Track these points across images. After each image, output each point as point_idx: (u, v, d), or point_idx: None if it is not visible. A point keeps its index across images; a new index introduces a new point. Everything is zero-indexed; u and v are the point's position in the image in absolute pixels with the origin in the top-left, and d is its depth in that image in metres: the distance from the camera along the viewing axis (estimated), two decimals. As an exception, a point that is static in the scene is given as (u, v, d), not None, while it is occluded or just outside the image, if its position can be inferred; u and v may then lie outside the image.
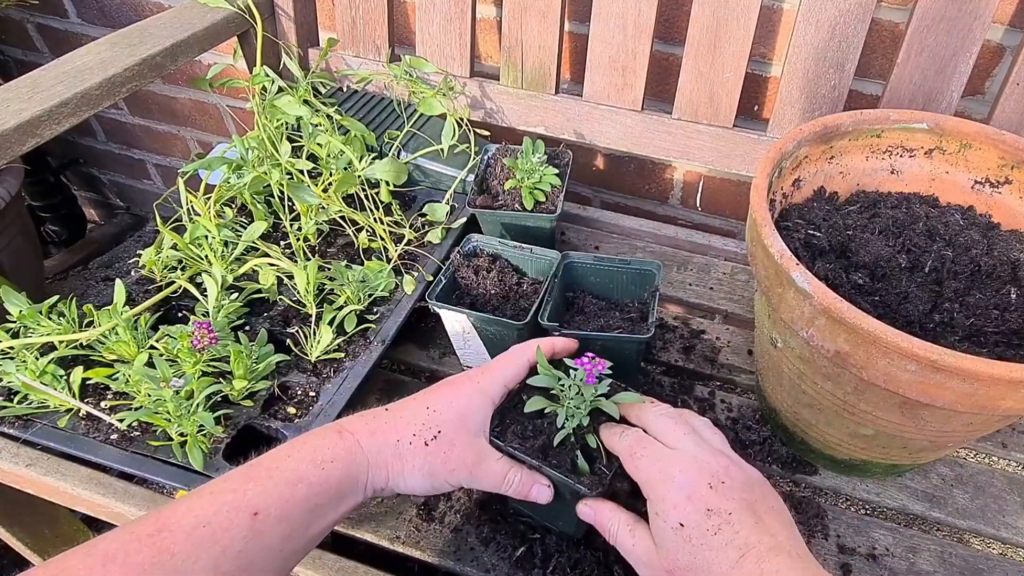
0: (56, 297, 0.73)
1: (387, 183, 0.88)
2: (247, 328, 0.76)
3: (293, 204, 0.87)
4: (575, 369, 0.55)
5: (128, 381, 0.67)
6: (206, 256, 0.80)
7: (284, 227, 0.87)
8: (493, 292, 0.78)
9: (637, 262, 0.77)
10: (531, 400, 0.56)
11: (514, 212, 0.85)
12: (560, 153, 0.93)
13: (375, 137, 0.94)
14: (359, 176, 0.87)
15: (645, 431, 0.54)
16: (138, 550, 0.38)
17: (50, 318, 0.72)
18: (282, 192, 0.86)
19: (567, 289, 0.80)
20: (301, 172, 0.86)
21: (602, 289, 0.80)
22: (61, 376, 0.69)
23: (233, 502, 0.42)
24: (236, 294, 0.78)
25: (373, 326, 0.76)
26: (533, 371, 0.59)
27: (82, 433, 0.66)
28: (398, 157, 0.94)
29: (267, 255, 0.81)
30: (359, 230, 0.86)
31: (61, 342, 0.71)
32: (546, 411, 0.57)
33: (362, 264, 0.81)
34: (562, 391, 0.56)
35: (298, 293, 0.77)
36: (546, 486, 0.56)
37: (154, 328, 0.74)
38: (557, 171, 0.88)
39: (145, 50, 0.83)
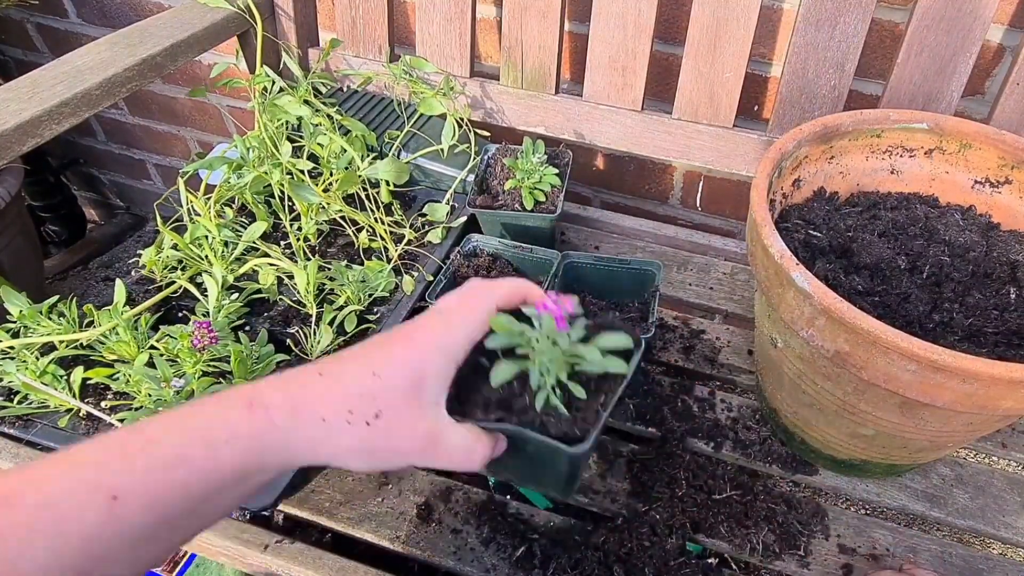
0: (56, 297, 0.73)
1: (387, 183, 0.88)
2: (247, 328, 0.76)
3: (293, 204, 0.87)
4: (539, 316, 0.45)
5: (128, 381, 0.67)
6: (206, 256, 0.80)
7: (284, 227, 0.87)
8: (493, 292, 0.78)
9: (637, 262, 0.77)
10: (498, 370, 0.45)
11: (514, 212, 0.85)
12: (560, 153, 0.93)
13: (375, 137, 0.94)
14: (360, 176, 0.87)
15: None
16: None
17: (50, 318, 0.72)
18: (282, 192, 0.86)
19: (567, 289, 0.80)
20: (302, 172, 0.86)
21: (602, 289, 0.80)
22: (61, 376, 0.69)
23: (91, 481, 0.35)
24: (236, 294, 0.78)
25: (373, 326, 0.76)
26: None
27: (82, 433, 0.66)
28: (398, 157, 0.94)
29: (267, 255, 0.81)
30: (359, 230, 0.86)
31: (61, 342, 0.71)
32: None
33: (362, 264, 0.81)
34: (530, 346, 0.45)
35: (298, 293, 0.77)
36: (504, 439, 0.47)
37: (154, 328, 0.74)
38: (557, 171, 0.88)
39: (145, 50, 0.83)
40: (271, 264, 0.80)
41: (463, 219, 0.88)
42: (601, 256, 0.78)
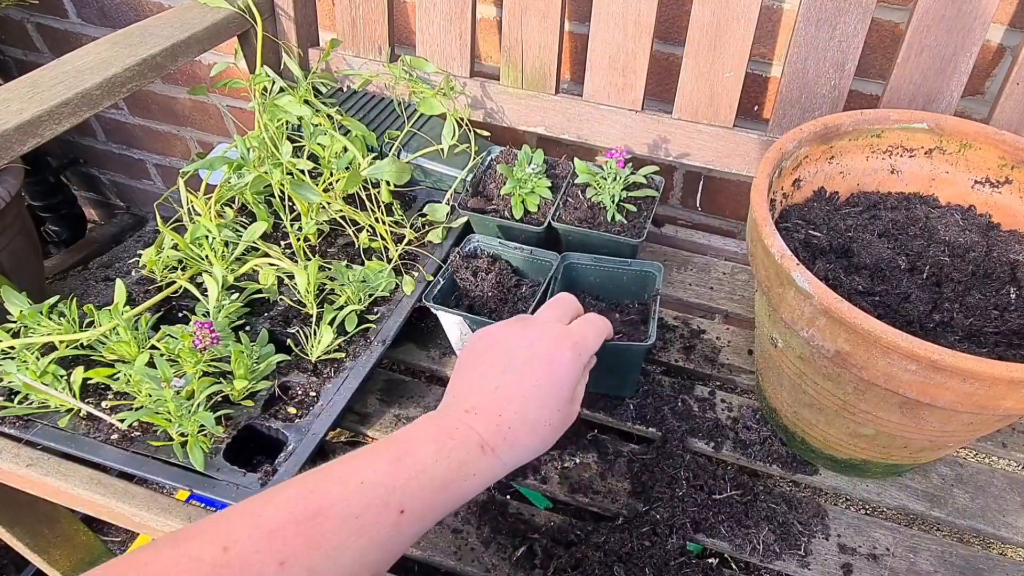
0: (56, 297, 0.74)
1: (388, 183, 0.88)
2: (247, 328, 0.76)
3: (293, 204, 0.87)
4: (607, 160, 0.83)
5: (129, 381, 0.67)
6: (207, 256, 0.80)
7: (284, 227, 0.87)
8: (491, 294, 0.77)
9: (637, 263, 0.77)
10: (580, 178, 0.85)
11: (504, 220, 0.85)
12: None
13: (375, 137, 0.94)
14: (363, 176, 0.87)
15: None
16: (297, 533, 0.40)
17: (50, 318, 0.72)
18: (283, 192, 0.86)
19: (567, 290, 0.79)
20: (302, 172, 0.86)
21: (602, 290, 0.80)
22: (62, 376, 0.69)
23: (384, 498, 0.44)
24: (237, 294, 0.78)
25: (373, 326, 0.76)
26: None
27: (83, 433, 0.66)
28: (398, 157, 0.94)
29: (267, 255, 0.81)
30: (359, 230, 0.86)
31: (62, 342, 0.71)
32: (591, 197, 0.85)
33: (362, 264, 0.81)
34: (603, 180, 0.84)
35: (298, 293, 0.77)
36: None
37: (155, 328, 0.74)
38: (550, 183, 0.87)
39: (145, 50, 0.83)
40: (271, 264, 0.80)
41: (463, 219, 0.88)
42: (600, 257, 0.78)
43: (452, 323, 0.75)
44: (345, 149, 0.87)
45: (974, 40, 0.77)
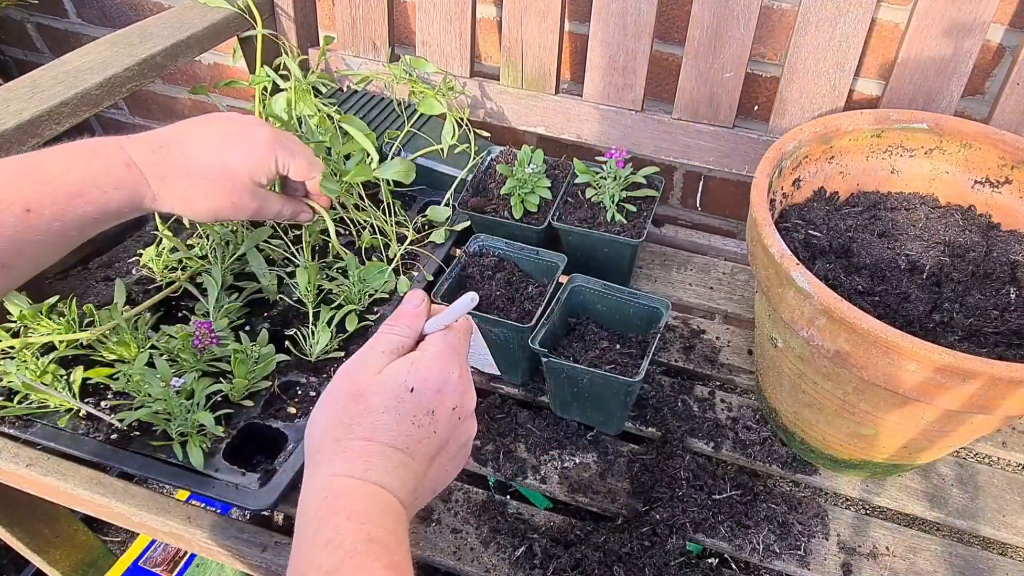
0: (56, 297, 0.73)
1: (387, 183, 0.88)
2: (247, 328, 0.76)
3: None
4: (607, 160, 0.83)
5: (128, 381, 0.67)
6: (206, 256, 0.80)
7: (285, 226, 0.86)
8: (498, 293, 0.77)
9: (646, 298, 0.74)
10: (580, 178, 0.86)
11: (503, 220, 0.84)
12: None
13: (375, 137, 0.94)
14: (373, 171, 0.86)
15: None
16: None
17: (50, 318, 0.72)
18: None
19: (571, 313, 0.78)
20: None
21: (608, 318, 0.78)
22: (61, 376, 0.69)
23: (7, 197, 0.48)
24: (236, 294, 0.78)
25: (373, 325, 0.76)
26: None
27: (82, 433, 0.66)
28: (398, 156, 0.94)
29: (267, 255, 0.81)
30: (360, 230, 0.86)
31: (61, 342, 0.71)
32: (591, 197, 0.85)
33: (363, 264, 0.81)
34: (603, 180, 0.83)
35: (298, 293, 0.77)
36: (306, 210, 0.70)
37: (154, 328, 0.74)
38: (550, 183, 0.87)
39: (145, 50, 0.83)
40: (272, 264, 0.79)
41: (466, 223, 0.88)
42: (611, 285, 0.76)
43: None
44: (361, 150, 0.87)
45: (974, 40, 0.77)
